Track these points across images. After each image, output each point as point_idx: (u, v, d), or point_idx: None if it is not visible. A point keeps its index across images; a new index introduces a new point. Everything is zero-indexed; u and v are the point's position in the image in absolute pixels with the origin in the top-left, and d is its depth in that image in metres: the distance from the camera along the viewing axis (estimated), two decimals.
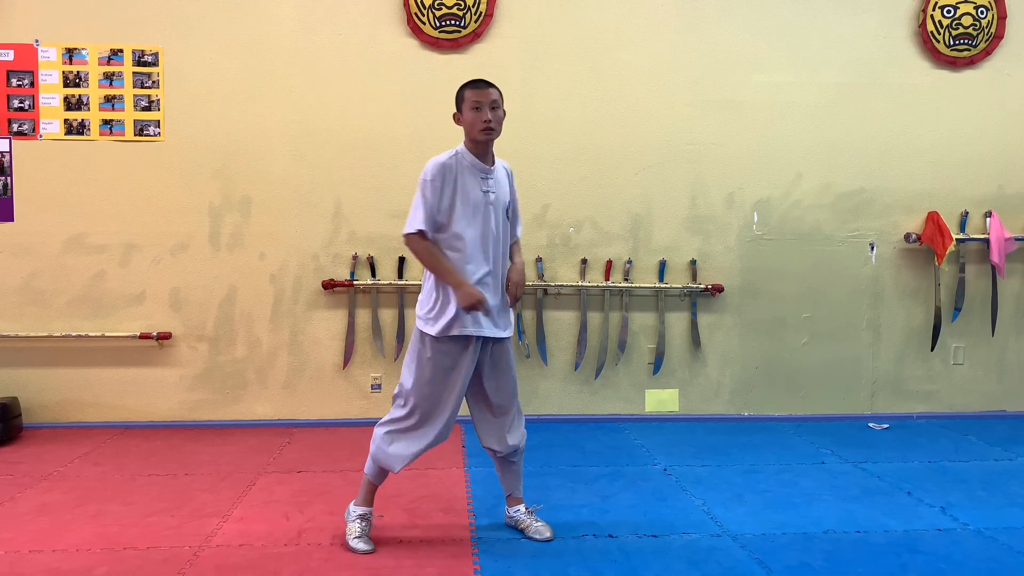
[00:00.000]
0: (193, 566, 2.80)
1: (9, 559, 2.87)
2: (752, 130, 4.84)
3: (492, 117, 2.85)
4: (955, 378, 5.03)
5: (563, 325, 4.83)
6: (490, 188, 2.91)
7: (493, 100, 2.87)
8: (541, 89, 4.73)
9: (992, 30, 4.88)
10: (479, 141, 2.88)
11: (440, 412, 2.92)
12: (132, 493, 3.56)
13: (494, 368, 2.99)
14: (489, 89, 2.88)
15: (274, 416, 4.73)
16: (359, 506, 3.02)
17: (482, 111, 2.84)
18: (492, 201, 2.91)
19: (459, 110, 2.92)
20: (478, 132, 2.86)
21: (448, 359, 2.89)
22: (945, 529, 3.18)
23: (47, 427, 4.60)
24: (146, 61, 4.59)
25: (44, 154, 4.58)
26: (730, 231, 4.88)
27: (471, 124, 2.87)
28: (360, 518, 3.00)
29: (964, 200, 4.95)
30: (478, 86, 2.89)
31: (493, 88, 2.90)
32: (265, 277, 4.69)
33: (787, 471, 3.91)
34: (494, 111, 2.86)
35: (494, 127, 2.87)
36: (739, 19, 4.81)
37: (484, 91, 2.87)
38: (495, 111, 2.87)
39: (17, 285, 4.59)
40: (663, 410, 4.91)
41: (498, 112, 2.89)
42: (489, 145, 2.92)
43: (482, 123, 2.84)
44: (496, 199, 2.93)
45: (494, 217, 2.92)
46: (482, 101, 2.85)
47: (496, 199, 2.93)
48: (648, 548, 2.97)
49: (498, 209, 2.93)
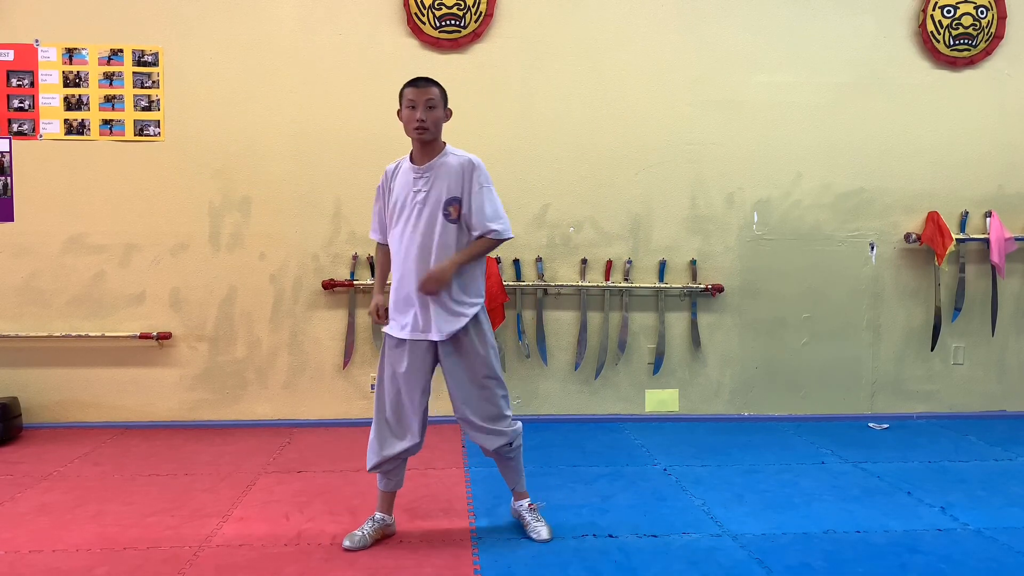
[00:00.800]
0: (193, 566, 2.80)
1: (9, 559, 2.87)
2: (752, 130, 4.84)
3: (425, 117, 2.82)
4: (955, 378, 5.03)
5: (563, 325, 4.83)
6: (420, 187, 2.87)
7: (428, 99, 2.84)
8: (541, 89, 4.73)
9: (992, 30, 4.88)
10: (413, 140, 2.89)
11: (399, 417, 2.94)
12: (132, 493, 3.56)
13: (448, 373, 2.96)
14: (428, 87, 2.86)
15: (274, 416, 4.73)
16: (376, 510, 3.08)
17: (416, 110, 2.83)
18: (420, 200, 2.86)
19: (400, 107, 2.91)
20: (411, 131, 2.87)
21: (393, 362, 2.94)
22: (945, 529, 3.18)
23: (47, 427, 4.60)
24: (146, 61, 4.59)
25: (44, 154, 4.58)
26: (730, 231, 4.88)
27: (406, 122, 2.88)
28: (369, 519, 3.04)
29: (964, 200, 4.95)
30: (417, 84, 2.88)
31: (433, 87, 2.87)
32: (265, 277, 4.69)
33: (787, 471, 3.91)
34: (430, 111, 2.84)
35: (427, 127, 2.84)
36: (739, 19, 4.81)
37: (420, 90, 2.85)
38: (432, 111, 2.84)
39: (17, 285, 4.59)
40: (663, 410, 4.91)
41: (435, 112, 2.85)
42: (425, 144, 2.88)
43: (416, 122, 2.84)
44: (426, 197, 2.85)
45: (417, 216, 2.86)
46: (417, 100, 2.84)
47: (426, 197, 2.85)
48: (648, 548, 2.97)
49: (427, 207, 2.85)
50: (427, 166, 2.88)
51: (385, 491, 3.06)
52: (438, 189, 2.86)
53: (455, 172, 2.88)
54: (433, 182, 2.87)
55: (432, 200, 2.86)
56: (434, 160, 2.89)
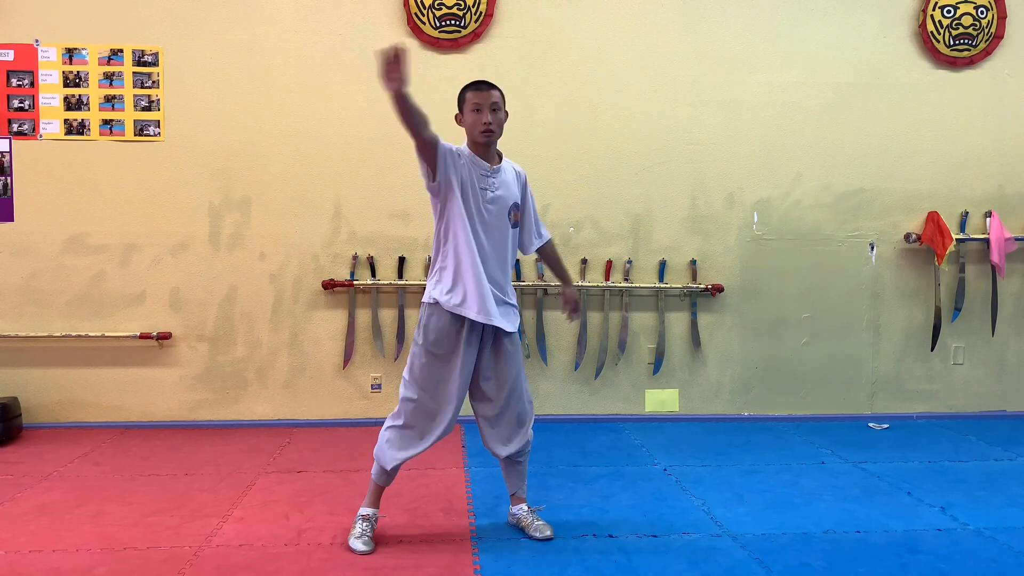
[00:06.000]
0: (193, 566, 2.80)
1: (9, 559, 2.87)
2: (752, 130, 4.84)
3: (492, 119, 2.84)
4: (955, 378, 5.03)
5: (563, 325, 4.83)
6: (490, 188, 2.90)
7: (493, 102, 2.86)
8: (541, 89, 4.73)
9: (992, 30, 4.88)
10: (479, 143, 2.89)
11: (436, 412, 2.92)
12: (132, 493, 3.56)
13: (494, 365, 2.97)
14: (491, 91, 2.88)
15: (274, 416, 4.73)
16: (365, 507, 3.03)
17: (482, 113, 2.84)
18: (490, 200, 2.89)
19: (460, 111, 2.92)
20: (478, 134, 2.86)
21: (441, 347, 2.88)
22: (945, 529, 3.18)
23: (47, 427, 4.60)
24: (146, 61, 4.59)
25: (44, 154, 4.58)
26: (730, 231, 4.88)
27: (471, 126, 2.87)
28: (363, 518, 3.00)
29: (964, 200, 4.96)
30: (479, 88, 2.88)
31: (495, 90, 2.89)
32: (265, 277, 4.69)
33: (787, 471, 3.91)
34: (495, 113, 2.86)
35: (494, 129, 2.86)
36: (739, 19, 4.81)
37: (485, 93, 2.86)
38: (496, 113, 2.86)
39: (17, 285, 4.59)
40: (663, 410, 4.91)
41: (499, 114, 2.88)
42: (490, 147, 2.92)
43: (482, 125, 2.84)
44: (496, 199, 2.91)
45: (489, 215, 2.89)
46: (482, 103, 2.84)
47: (496, 199, 2.91)
48: (648, 548, 2.97)
49: (499, 208, 2.91)
50: (497, 168, 2.93)
51: (384, 486, 3.04)
52: (506, 192, 2.94)
53: (512, 179, 2.99)
54: (502, 185, 2.93)
55: (502, 203, 2.92)
56: (501, 164, 2.96)
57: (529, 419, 3.07)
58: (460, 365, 2.89)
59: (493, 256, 2.92)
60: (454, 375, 2.90)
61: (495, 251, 2.93)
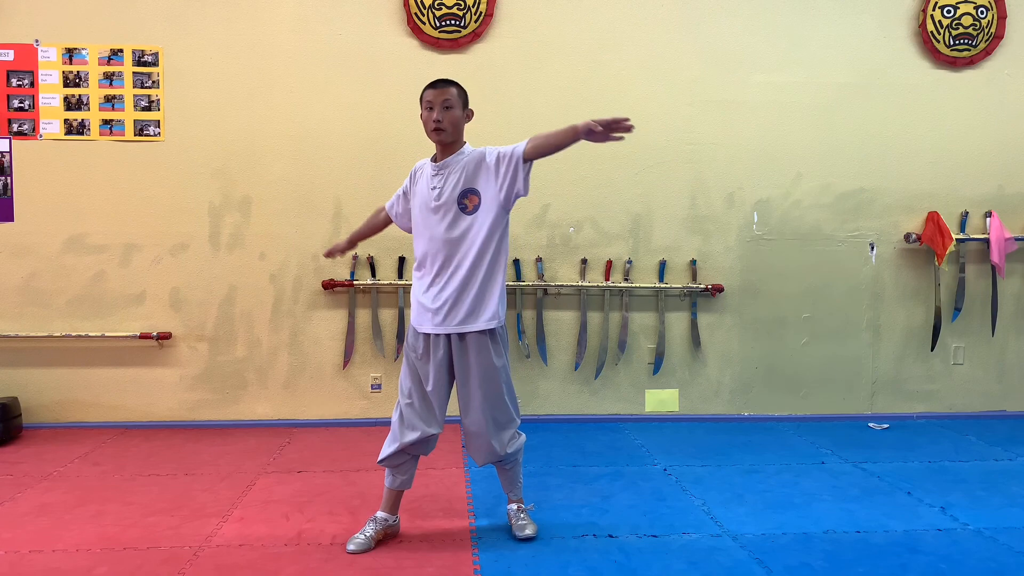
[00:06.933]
0: (193, 566, 2.80)
1: (9, 559, 2.87)
2: (752, 130, 4.84)
3: (442, 117, 2.84)
4: (955, 378, 5.03)
5: (563, 325, 4.83)
6: (435, 184, 2.91)
7: (445, 99, 2.86)
8: (541, 89, 4.73)
9: (992, 30, 4.88)
10: (433, 142, 2.92)
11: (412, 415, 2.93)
12: (132, 493, 3.56)
13: (459, 373, 2.94)
14: (445, 88, 2.88)
15: (274, 416, 4.73)
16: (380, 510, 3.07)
17: (433, 111, 2.85)
18: (435, 196, 2.89)
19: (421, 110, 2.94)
20: (429, 132, 2.90)
21: (414, 350, 2.97)
22: (945, 529, 3.18)
23: (47, 427, 4.60)
24: (146, 61, 4.59)
25: (44, 154, 4.58)
26: (730, 231, 4.88)
27: (424, 123, 2.91)
28: (371, 519, 3.03)
29: (964, 200, 4.96)
30: (434, 86, 2.90)
31: (451, 87, 2.89)
32: (265, 277, 4.69)
33: (787, 471, 3.91)
34: (447, 111, 2.85)
35: (445, 127, 2.86)
36: (739, 19, 4.81)
37: (437, 91, 2.87)
38: (449, 111, 2.85)
39: (17, 285, 4.59)
40: (663, 410, 4.91)
41: (452, 112, 2.86)
42: (445, 146, 2.91)
43: (432, 123, 2.86)
44: (440, 193, 2.88)
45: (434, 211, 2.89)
46: (434, 101, 2.86)
47: (440, 193, 2.88)
48: (648, 548, 2.97)
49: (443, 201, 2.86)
50: (443, 163, 2.92)
51: (392, 488, 3.04)
52: (452, 182, 2.89)
53: (471, 165, 2.89)
54: (447, 177, 2.90)
55: (447, 194, 2.88)
56: (450, 158, 2.92)
57: (507, 430, 2.98)
58: (431, 371, 2.92)
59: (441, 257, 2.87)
60: (429, 379, 2.92)
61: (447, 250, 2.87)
